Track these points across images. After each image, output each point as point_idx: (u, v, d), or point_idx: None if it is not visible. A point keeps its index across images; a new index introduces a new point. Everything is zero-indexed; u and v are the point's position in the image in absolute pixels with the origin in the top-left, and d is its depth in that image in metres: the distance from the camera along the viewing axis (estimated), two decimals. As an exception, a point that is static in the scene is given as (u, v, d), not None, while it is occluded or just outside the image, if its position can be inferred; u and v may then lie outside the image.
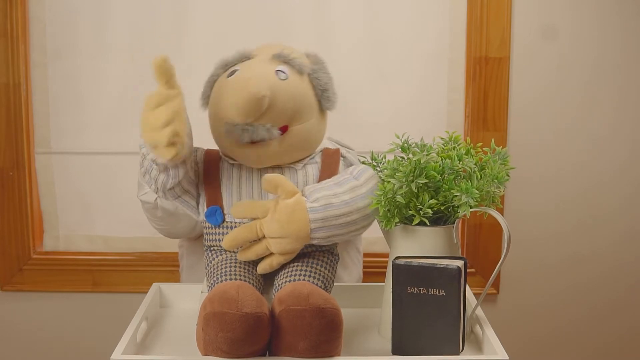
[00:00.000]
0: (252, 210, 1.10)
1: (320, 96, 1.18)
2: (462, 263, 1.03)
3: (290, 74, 1.14)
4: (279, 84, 1.12)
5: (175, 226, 1.44)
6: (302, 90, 1.15)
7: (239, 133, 1.10)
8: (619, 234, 1.87)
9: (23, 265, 1.87)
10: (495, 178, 1.10)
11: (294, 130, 1.14)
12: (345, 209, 1.10)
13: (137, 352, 1.08)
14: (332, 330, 0.96)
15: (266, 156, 1.14)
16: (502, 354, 1.01)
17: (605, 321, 1.91)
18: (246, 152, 1.13)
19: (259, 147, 1.12)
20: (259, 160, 1.14)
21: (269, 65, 1.15)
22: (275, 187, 1.09)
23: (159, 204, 1.38)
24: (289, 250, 1.10)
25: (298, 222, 1.08)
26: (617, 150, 1.83)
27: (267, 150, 1.13)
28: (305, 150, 1.18)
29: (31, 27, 1.80)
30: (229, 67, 1.17)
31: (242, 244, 1.11)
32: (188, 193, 1.16)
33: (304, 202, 1.09)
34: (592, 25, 1.78)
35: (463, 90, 1.81)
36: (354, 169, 1.16)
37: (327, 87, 1.19)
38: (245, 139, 1.11)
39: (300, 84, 1.16)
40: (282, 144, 1.13)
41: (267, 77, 1.12)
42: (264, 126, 1.10)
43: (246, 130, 1.10)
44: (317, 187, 1.12)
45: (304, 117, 1.15)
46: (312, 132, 1.17)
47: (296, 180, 1.16)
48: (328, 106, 1.20)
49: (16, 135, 1.80)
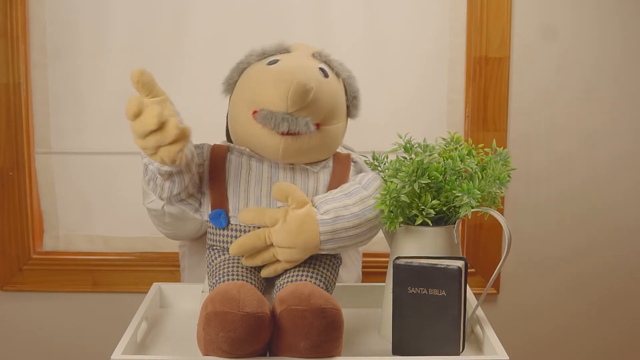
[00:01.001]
0: (260, 218, 1.09)
1: (350, 102, 1.19)
2: (462, 263, 1.03)
3: (330, 74, 1.15)
4: (322, 80, 1.13)
5: (182, 229, 1.44)
6: (338, 91, 1.16)
7: (278, 121, 1.09)
8: (619, 234, 1.87)
9: (23, 265, 1.87)
10: (497, 179, 1.10)
11: (324, 129, 1.14)
12: (354, 222, 1.09)
13: (137, 352, 1.08)
14: (333, 330, 0.96)
15: (293, 150, 1.12)
16: (502, 354, 1.01)
17: (605, 320, 1.91)
18: (275, 142, 1.11)
19: (291, 140, 1.11)
20: (285, 153, 1.12)
21: (311, 61, 1.15)
22: (285, 196, 1.08)
23: (166, 210, 1.38)
24: (295, 259, 1.10)
25: (308, 234, 1.07)
26: (617, 150, 1.84)
27: (297, 144, 1.11)
28: (326, 152, 1.18)
29: (31, 27, 1.80)
30: (266, 56, 1.17)
31: (249, 251, 1.10)
32: (192, 197, 1.15)
33: (314, 214, 1.08)
34: (592, 25, 1.79)
35: (463, 90, 1.81)
36: (363, 178, 1.15)
37: (356, 95, 1.20)
38: (283, 127, 1.09)
39: (338, 86, 1.17)
40: (311, 141, 1.12)
41: (313, 71, 1.12)
42: (303, 119, 1.10)
43: (286, 119, 1.09)
44: (327, 198, 1.11)
45: (336, 119, 1.15)
46: (338, 135, 1.18)
47: (307, 186, 1.15)
48: (354, 113, 1.21)
49: (16, 135, 1.80)
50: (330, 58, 1.17)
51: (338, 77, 1.17)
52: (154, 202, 1.38)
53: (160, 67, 1.77)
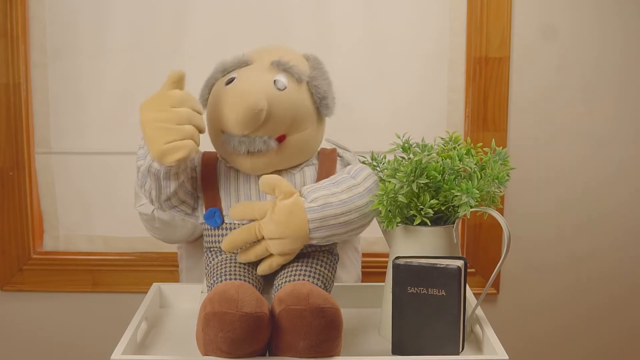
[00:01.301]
0: (250, 212, 1.10)
1: (319, 104, 1.17)
2: (462, 263, 1.03)
3: (289, 82, 1.13)
4: (276, 95, 1.11)
5: (173, 234, 1.44)
6: (300, 99, 1.14)
7: (236, 145, 1.10)
8: (619, 234, 1.87)
9: (23, 265, 1.87)
10: (496, 178, 1.10)
11: (291, 139, 1.14)
12: (343, 208, 1.09)
13: (137, 352, 1.08)
14: (332, 329, 0.96)
15: (262, 165, 1.13)
16: (502, 354, 1.01)
17: (605, 321, 1.91)
18: (242, 161, 1.13)
19: (255, 157, 1.12)
20: (254, 169, 1.14)
21: (267, 74, 1.13)
22: (272, 188, 1.09)
23: (156, 215, 1.38)
24: (288, 251, 1.10)
25: (296, 223, 1.08)
26: (617, 150, 1.83)
27: (263, 160, 1.12)
28: (302, 157, 1.18)
29: (31, 27, 1.80)
30: (227, 72, 1.16)
31: (241, 245, 1.11)
32: (185, 203, 1.16)
33: (301, 203, 1.09)
34: (592, 25, 1.79)
35: (463, 90, 1.81)
36: (351, 168, 1.15)
37: (325, 95, 1.17)
38: (242, 150, 1.10)
39: (299, 94, 1.14)
40: (278, 154, 1.13)
41: (265, 87, 1.10)
42: (261, 138, 1.10)
43: (243, 142, 1.10)
44: (314, 187, 1.12)
45: (302, 127, 1.15)
46: (309, 140, 1.17)
47: (294, 181, 1.16)
48: (326, 113, 1.19)
49: (16, 135, 1.80)
50: (289, 65, 1.14)
51: (300, 82, 1.15)
52: (144, 206, 1.38)
53: (160, 67, 1.78)
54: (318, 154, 1.21)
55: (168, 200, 1.13)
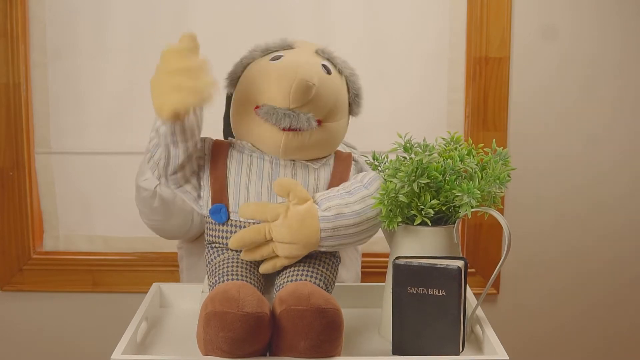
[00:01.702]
0: (261, 213, 1.09)
1: (352, 99, 1.19)
2: (462, 263, 1.03)
3: (333, 70, 1.16)
4: (325, 77, 1.13)
5: (168, 221, 1.42)
6: (341, 88, 1.17)
7: (280, 117, 1.09)
8: (619, 234, 1.87)
9: (23, 265, 1.87)
10: (497, 179, 1.10)
11: (326, 126, 1.14)
12: (356, 219, 1.09)
13: (137, 352, 1.08)
14: (333, 330, 0.96)
15: (294, 146, 1.12)
16: (502, 354, 1.01)
17: (605, 321, 1.91)
18: (276, 137, 1.11)
19: (292, 135, 1.11)
20: (286, 149, 1.13)
21: (314, 57, 1.16)
22: (287, 192, 1.08)
23: (158, 191, 1.36)
24: (295, 255, 1.10)
25: (308, 230, 1.08)
26: (616, 150, 1.84)
27: (298, 140, 1.11)
28: (327, 149, 1.18)
29: (31, 27, 1.80)
30: (270, 52, 1.17)
31: (249, 245, 1.11)
32: (190, 183, 1.15)
33: (315, 210, 1.08)
34: (592, 25, 1.79)
35: (463, 90, 1.81)
36: (365, 177, 1.15)
37: (359, 93, 1.20)
38: (285, 123, 1.09)
39: (340, 82, 1.17)
40: (312, 137, 1.13)
41: (316, 67, 1.12)
42: (305, 115, 1.10)
43: (288, 115, 1.09)
44: (328, 195, 1.11)
45: (338, 116, 1.16)
46: (339, 132, 1.18)
47: (307, 181, 1.15)
48: (356, 111, 1.21)
49: (16, 135, 1.80)
50: (334, 55, 1.17)
51: (341, 74, 1.17)
52: (147, 181, 1.36)
53: (160, 67, 1.78)
54: (334, 156, 1.20)
55: (175, 174, 1.12)
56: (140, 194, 1.39)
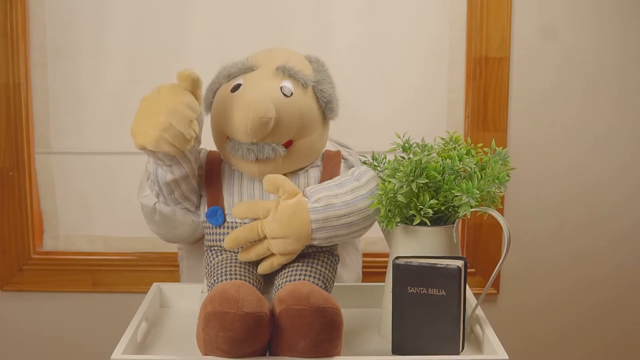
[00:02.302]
0: (253, 211, 1.10)
1: (324, 108, 1.18)
2: (462, 263, 1.03)
3: (295, 88, 1.14)
4: (284, 102, 1.11)
5: (171, 231, 1.41)
6: (306, 105, 1.15)
7: (245, 152, 1.10)
8: (619, 234, 1.87)
9: (23, 265, 1.87)
10: (496, 178, 1.10)
11: (298, 144, 1.14)
12: (346, 210, 1.10)
13: (137, 352, 1.08)
14: (333, 329, 0.96)
15: (268, 171, 1.14)
16: (502, 354, 1.01)
17: (606, 321, 1.91)
18: (249, 167, 1.14)
19: (263, 164, 1.13)
20: (262, 175, 1.14)
21: (273, 80, 1.14)
22: (276, 188, 1.09)
23: (157, 208, 1.36)
24: (289, 251, 1.10)
25: (299, 222, 1.08)
26: (617, 150, 1.83)
27: (271, 166, 1.13)
28: (308, 160, 1.18)
29: (31, 27, 1.80)
30: (232, 77, 1.17)
31: (243, 244, 1.11)
32: (188, 200, 1.16)
33: (305, 203, 1.09)
34: (592, 25, 1.78)
35: (463, 90, 1.81)
36: (355, 171, 1.16)
37: (330, 99, 1.18)
38: (250, 157, 1.11)
39: (305, 99, 1.15)
40: (285, 160, 1.14)
41: (273, 94, 1.11)
42: (269, 145, 1.10)
43: (251, 150, 1.10)
44: (318, 188, 1.12)
45: (308, 132, 1.15)
46: (315, 144, 1.18)
47: (297, 182, 1.16)
48: (331, 116, 1.20)
49: (16, 135, 1.80)
50: (295, 71, 1.14)
51: (306, 87, 1.15)
52: (146, 198, 1.34)
53: (160, 66, 1.78)
54: (322, 155, 1.21)
55: (172, 194, 1.13)
56: (142, 209, 1.37)
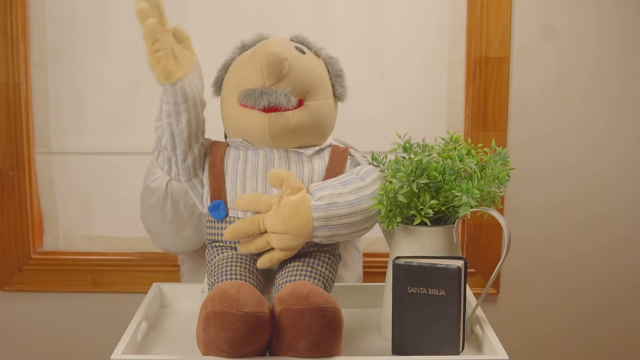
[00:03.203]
0: (255, 204, 1.10)
1: (334, 80, 1.21)
2: (462, 263, 1.03)
3: (307, 51, 1.19)
4: (297, 55, 1.15)
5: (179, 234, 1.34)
6: (318, 67, 1.19)
7: (257, 96, 1.10)
8: (620, 234, 1.87)
9: (23, 265, 1.87)
10: (496, 178, 1.10)
11: (308, 105, 1.15)
12: (349, 209, 1.10)
13: (137, 352, 1.08)
14: (333, 329, 0.96)
15: (279, 126, 1.13)
16: (502, 354, 1.01)
17: (606, 321, 1.91)
18: (260, 121, 1.12)
19: (275, 116, 1.12)
20: (271, 131, 1.13)
21: (287, 41, 1.19)
22: (280, 182, 1.09)
23: (169, 189, 1.27)
24: (289, 247, 1.10)
25: (301, 219, 1.08)
26: (618, 150, 1.83)
27: (281, 120, 1.12)
28: (315, 133, 1.18)
29: (31, 27, 1.80)
30: (246, 48, 1.20)
31: (243, 236, 1.11)
32: (197, 177, 1.17)
33: (308, 200, 1.09)
34: (592, 25, 1.79)
35: (463, 90, 1.81)
36: (361, 170, 1.15)
37: (340, 73, 1.22)
38: (263, 102, 1.10)
39: (317, 62, 1.19)
40: (296, 116, 1.13)
41: (288, 46, 1.16)
42: (282, 91, 1.11)
43: (265, 93, 1.10)
44: (322, 186, 1.12)
45: (320, 95, 1.17)
46: (325, 112, 1.18)
47: (302, 173, 1.16)
48: (341, 92, 1.23)
49: (16, 135, 1.80)
50: (309, 40, 1.21)
51: (318, 56, 1.21)
52: (157, 180, 1.27)
53: (160, 67, 1.78)
54: (330, 149, 1.21)
55: (184, 161, 1.14)
56: (150, 200, 1.30)
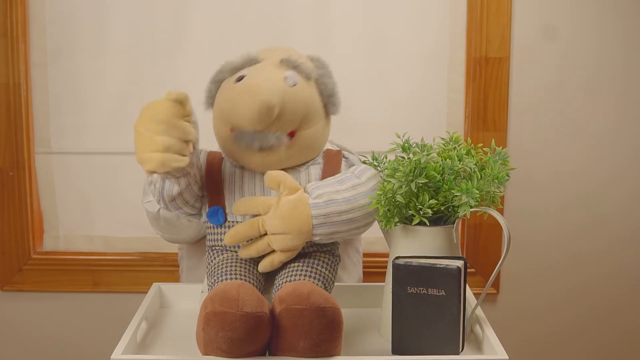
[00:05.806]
0: (254, 207, 1.10)
1: (326, 101, 1.19)
2: (462, 263, 1.03)
3: (298, 79, 1.15)
4: (288, 91, 1.12)
5: (177, 234, 1.42)
6: (309, 96, 1.16)
7: (249, 140, 1.11)
8: (620, 235, 1.87)
9: (23, 265, 1.87)
10: (496, 178, 1.10)
11: (301, 135, 1.15)
12: (347, 206, 1.10)
13: (137, 352, 1.08)
14: (333, 329, 0.96)
15: (272, 162, 1.14)
16: (502, 354, 1.01)
17: (605, 322, 1.91)
18: (253, 158, 1.14)
19: (266, 154, 1.13)
20: (265, 166, 1.15)
21: (277, 70, 1.15)
22: (277, 184, 1.09)
23: (161, 214, 1.36)
24: (290, 247, 1.10)
25: (300, 218, 1.08)
26: (618, 150, 1.83)
27: (274, 157, 1.13)
28: (310, 154, 1.19)
29: (31, 27, 1.80)
30: (236, 70, 1.17)
31: (243, 240, 1.11)
32: (188, 205, 1.16)
33: (306, 198, 1.09)
34: (592, 25, 1.79)
35: (463, 90, 1.81)
36: (356, 168, 1.16)
37: (333, 93, 1.20)
38: (254, 146, 1.11)
39: (308, 90, 1.16)
40: (289, 150, 1.14)
41: (277, 83, 1.12)
42: (273, 134, 1.11)
43: (256, 137, 1.10)
44: (319, 184, 1.12)
45: (311, 123, 1.16)
46: (317, 136, 1.18)
47: (299, 179, 1.17)
48: (333, 111, 1.21)
49: (16, 135, 1.80)
50: (298, 63, 1.16)
51: (308, 80, 1.17)
52: (150, 204, 1.36)
53: (160, 67, 1.78)
54: (324, 154, 1.21)
55: (173, 201, 1.13)
56: (147, 215, 1.40)
